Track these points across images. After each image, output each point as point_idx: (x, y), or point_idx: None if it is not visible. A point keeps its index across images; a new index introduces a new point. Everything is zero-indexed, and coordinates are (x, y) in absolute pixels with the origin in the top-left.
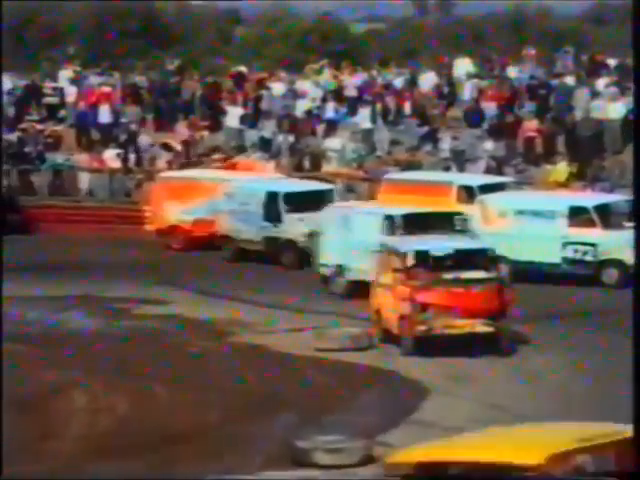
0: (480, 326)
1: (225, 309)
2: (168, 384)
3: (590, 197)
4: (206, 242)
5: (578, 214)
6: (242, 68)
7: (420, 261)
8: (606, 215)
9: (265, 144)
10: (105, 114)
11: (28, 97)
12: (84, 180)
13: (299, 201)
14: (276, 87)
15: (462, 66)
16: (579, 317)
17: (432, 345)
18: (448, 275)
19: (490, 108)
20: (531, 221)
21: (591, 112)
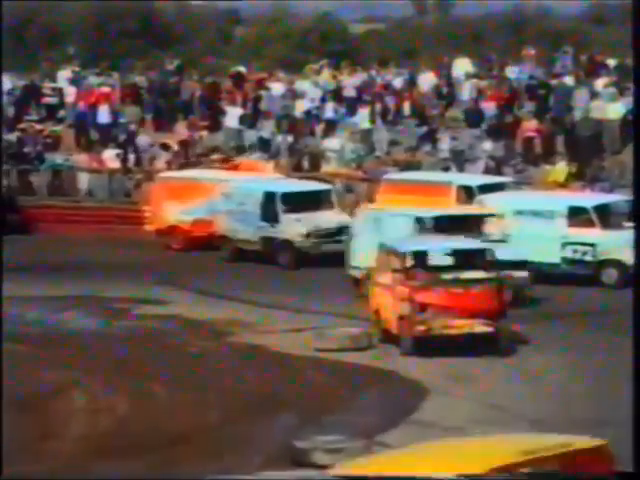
0: (479, 326)
1: (224, 309)
2: (168, 384)
3: (589, 197)
4: (205, 242)
5: (577, 214)
6: (241, 68)
7: (419, 261)
8: (605, 215)
9: (264, 144)
10: (104, 114)
11: (27, 97)
12: (83, 180)
13: (296, 201)
14: (275, 87)
15: (461, 66)
16: (579, 317)
17: (431, 345)
18: (447, 275)
19: (489, 108)
20: (530, 221)
21: (590, 112)
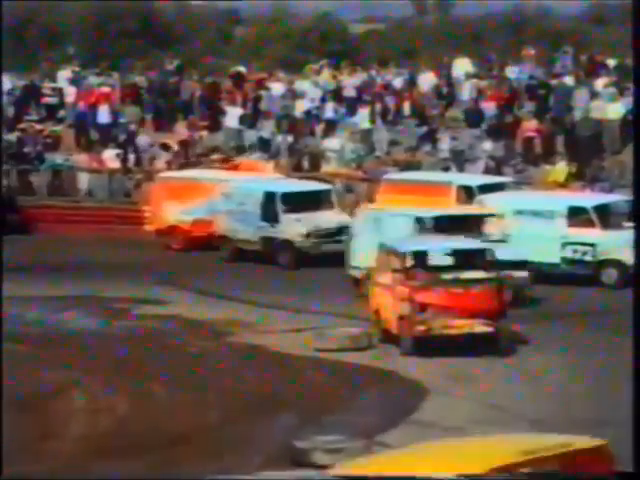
0: (479, 326)
1: (224, 309)
2: (168, 384)
3: (589, 197)
4: (205, 242)
5: (577, 214)
6: (241, 68)
7: (419, 261)
8: (605, 215)
9: (264, 144)
10: (104, 114)
11: (27, 97)
12: (83, 180)
13: (296, 201)
14: (275, 87)
15: (461, 66)
16: (579, 317)
17: (431, 345)
18: (447, 275)
19: (489, 108)
20: (530, 221)
21: (590, 112)
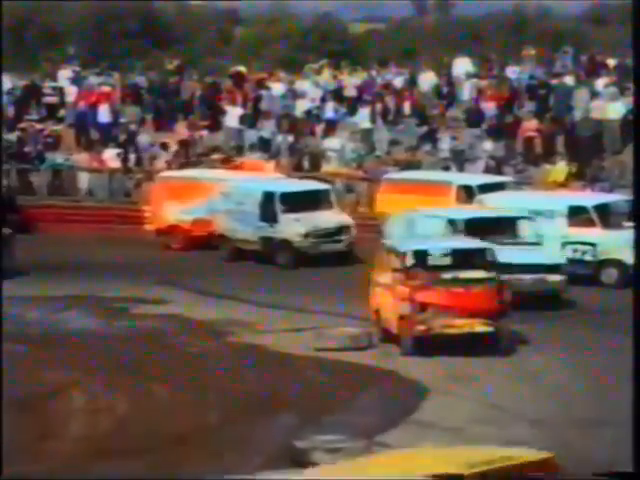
0: (479, 326)
1: (225, 309)
2: (167, 384)
3: (589, 197)
4: (205, 242)
5: (577, 214)
6: (241, 68)
7: (419, 261)
8: (605, 215)
9: (264, 144)
10: (104, 114)
11: (28, 97)
12: (83, 180)
13: (295, 201)
14: (275, 87)
15: (461, 66)
16: (579, 317)
17: (431, 345)
18: (447, 275)
19: (489, 108)
20: None
21: (590, 112)
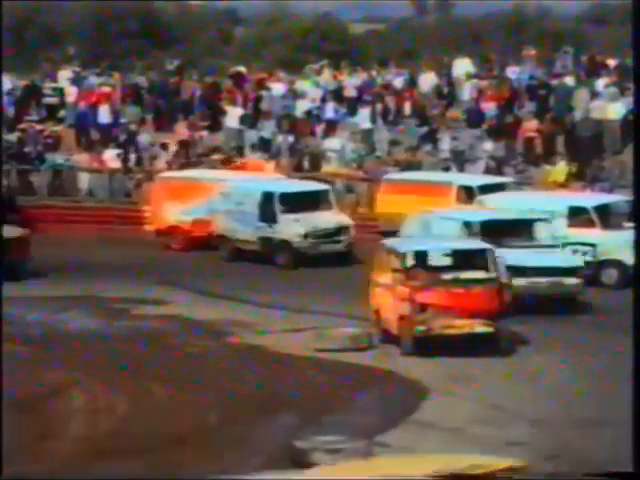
0: (479, 326)
1: (224, 309)
2: (167, 384)
3: (590, 197)
4: (205, 242)
5: (578, 214)
6: (242, 68)
7: (419, 261)
8: (606, 215)
9: (265, 144)
10: (105, 114)
11: (28, 97)
12: (84, 180)
13: (295, 201)
14: (276, 87)
15: (462, 66)
16: (579, 317)
17: (431, 345)
18: (447, 275)
19: (490, 108)
20: None
21: (591, 112)
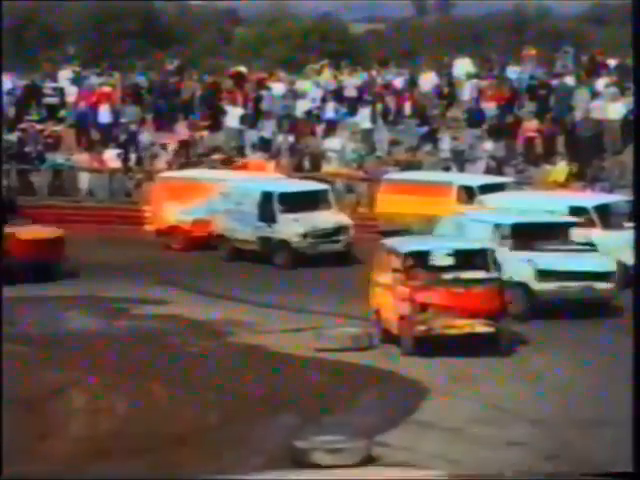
0: (480, 326)
1: (225, 309)
2: (167, 384)
3: (590, 197)
4: (205, 242)
5: (578, 214)
6: (242, 68)
7: (419, 261)
8: (606, 215)
9: (265, 144)
10: (105, 114)
11: (28, 97)
12: (84, 180)
13: (294, 201)
14: (276, 87)
15: (462, 66)
16: (579, 317)
17: (432, 345)
18: (448, 275)
19: (490, 108)
20: None
21: (591, 112)
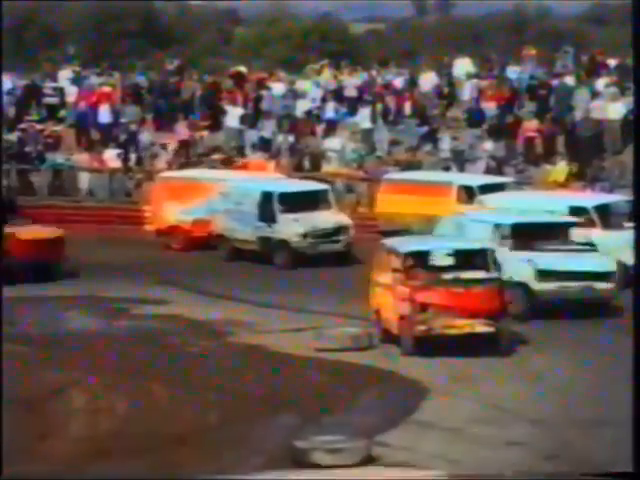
0: (480, 326)
1: (225, 309)
2: (167, 384)
3: (590, 197)
4: (205, 242)
5: (578, 214)
6: (242, 68)
7: (419, 261)
8: (606, 215)
9: (265, 144)
10: (105, 114)
11: (28, 97)
12: (84, 180)
13: (294, 201)
14: (276, 87)
15: (462, 66)
16: (579, 317)
17: (432, 345)
18: (448, 275)
19: (490, 108)
20: None
21: (591, 112)
